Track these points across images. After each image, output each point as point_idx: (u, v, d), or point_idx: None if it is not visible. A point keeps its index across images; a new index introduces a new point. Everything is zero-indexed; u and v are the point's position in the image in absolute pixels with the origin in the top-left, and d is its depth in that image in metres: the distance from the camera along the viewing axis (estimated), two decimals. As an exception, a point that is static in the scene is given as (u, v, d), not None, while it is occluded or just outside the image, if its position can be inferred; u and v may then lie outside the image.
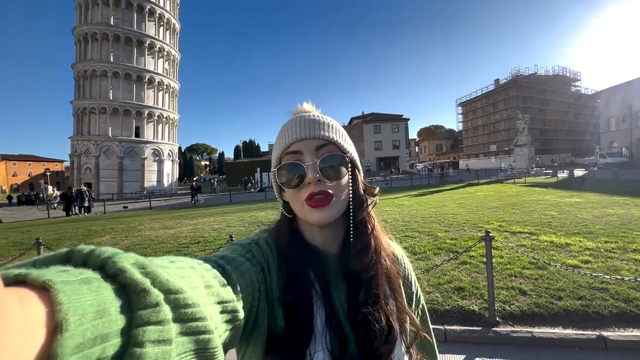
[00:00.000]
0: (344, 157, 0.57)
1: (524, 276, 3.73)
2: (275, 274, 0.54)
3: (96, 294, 0.22)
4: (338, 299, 0.56)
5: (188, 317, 0.28)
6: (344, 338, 0.52)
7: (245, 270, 0.46)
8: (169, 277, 0.28)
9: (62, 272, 0.22)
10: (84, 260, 0.25)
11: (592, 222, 6.43)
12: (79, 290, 0.21)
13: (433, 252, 4.90)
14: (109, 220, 12.61)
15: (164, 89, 41.19)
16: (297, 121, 0.58)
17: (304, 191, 0.55)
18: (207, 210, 14.00)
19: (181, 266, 0.33)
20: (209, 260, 0.42)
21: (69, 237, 8.73)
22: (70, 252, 0.25)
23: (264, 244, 0.56)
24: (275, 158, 0.60)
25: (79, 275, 0.22)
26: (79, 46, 37.24)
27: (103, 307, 0.22)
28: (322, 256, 0.59)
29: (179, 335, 0.27)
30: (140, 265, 0.26)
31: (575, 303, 3.02)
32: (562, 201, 9.74)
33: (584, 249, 4.64)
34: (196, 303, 0.30)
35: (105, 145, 36.35)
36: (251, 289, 0.45)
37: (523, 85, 52.41)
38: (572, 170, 20.00)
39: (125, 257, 0.26)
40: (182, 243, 6.82)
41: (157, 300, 0.25)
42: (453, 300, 3.26)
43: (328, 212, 0.54)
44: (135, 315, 0.24)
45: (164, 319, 0.25)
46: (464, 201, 11.31)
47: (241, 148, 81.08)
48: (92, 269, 0.24)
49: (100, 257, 0.25)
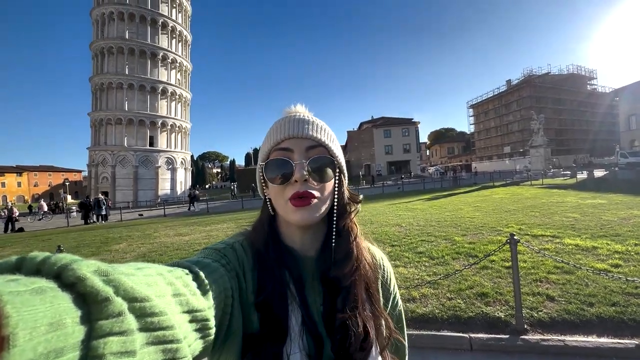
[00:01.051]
0: (333, 161, 0.57)
1: (550, 281, 3.57)
2: (250, 278, 0.53)
3: (50, 304, 0.20)
4: (314, 302, 0.55)
5: (154, 326, 0.27)
6: (320, 340, 0.52)
7: (218, 276, 0.45)
8: (134, 284, 0.27)
9: (10, 282, 0.20)
10: (37, 269, 0.23)
11: (618, 224, 6.15)
12: (30, 301, 0.19)
13: (451, 257, 4.76)
14: (126, 228, 12.86)
15: (176, 99, 42.24)
16: (290, 119, 0.58)
17: (289, 189, 0.54)
18: (219, 217, 14.12)
19: (148, 273, 0.32)
20: (180, 266, 0.41)
21: (88, 244, 8.93)
22: (21, 259, 0.24)
23: (239, 247, 0.56)
24: (264, 153, 0.59)
25: (31, 285, 0.20)
26: (96, 60, 38.72)
27: (58, 319, 0.20)
28: (299, 258, 0.58)
29: (144, 346, 0.26)
30: (101, 273, 0.25)
31: (608, 309, 2.85)
32: (583, 203, 9.37)
33: (612, 252, 4.42)
34: (163, 311, 0.28)
35: (121, 154, 37.40)
36: (224, 296, 0.44)
37: (536, 85, 51.24)
38: (592, 171, 19.32)
39: (85, 265, 0.25)
40: (197, 249, 6.86)
41: (121, 310, 0.24)
42: (476, 307, 3.13)
43: (309, 213, 0.53)
44: (95, 326, 0.22)
45: (127, 329, 0.24)
46: (479, 204, 11.03)
47: (252, 155, 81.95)
48: (46, 278, 0.22)
49: (56, 264, 0.23)
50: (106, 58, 37.89)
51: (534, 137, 25.34)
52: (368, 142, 53.93)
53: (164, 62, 40.61)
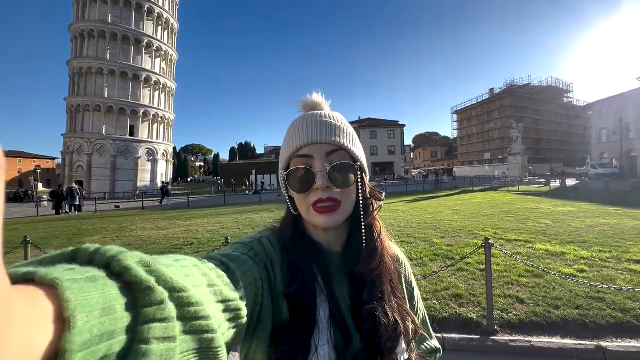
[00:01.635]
0: (354, 166, 0.57)
1: (521, 284, 3.72)
2: (279, 270, 0.55)
3: (102, 291, 0.22)
4: (341, 295, 0.57)
5: (192, 316, 0.29)
6: (348, 333, 0.53)
7: (248, 268, 0.46)
8: (173, 275, 0.28)
9: (68, 271, 0.22)
10: (89, 259, 0.25)
11: (585, 231, 6.48)
12: (85, 288, 0.21)
13: (429, 259, 4.87)
14: (100, 220, 12.38)
15: (160, 89, 40.90)
16: (309, 122, 0.58)
17: (312, 196, 0.55)
18: (201, 212, 13.83)
19: (185, 265, 0.34)
20: (212, 259, 0.42)
21: (58, 236, 8.52)
22: (75, 250, 0.26)
23: (266, 241, 0.57)
24: (284, 160, 0.59)
25: (85, 274, 0.22)
26: (75, 43, 36.87)
27: (109, 304, 0.22)
28: (325, 253, 0.60)
29: (182, 334, 0.27)
30: (145, 264, 0.27)
31: (572, 312, 3.01)
32: (555, 210, 9.83)
33: (579, 258, 4.66)
34: (200, 302, 0.30)
35: (98, 143, 35.86)
36: (254, 287, 0.46)
37: (517, 95, 53.25)
38: (564, 180, 20.29)
39: (130, 256, 0.26)
40: (175, 244, 6.70)
41: (162, 298, 0.26)
42: (451, 308, 3.22)
43: (333, 218, 0.55)
44: (140, 312, 0.24)
45: (168, 316, 0.26)
46: (459, 208, 11.35)
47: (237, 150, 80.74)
48: (97, 268, 0.24)
49: (105, 255, 0.25)
50: (86, 41, 36.13)
51: (513, 145, 26.33)
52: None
53: (148, 50, 39.19)
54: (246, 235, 0.62)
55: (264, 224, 0.67)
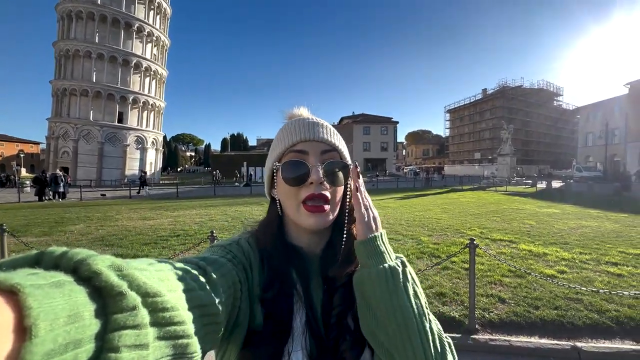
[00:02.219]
0: (346, 166, 0.58)
1: (504, 284, 3.79)
2: (257, 273, 0.54)
3: (68, 297, 0.21)
4: (318, 300, 0.56)
5: (166, 321, 0.28)
6: (322, 339, 0.52)
7: (226, 271, 0.45)
8: (146, 279, 0.27)
9: (31, 275, 0.21)
10: (55, 263, 0.24)
11: (568, 233, 6.65)
12: (50, 294, 0.20)
13: (416, 256, 4.92)
14: (85, 208, 12.08)
15: (151, 75, 39.81)
16: (304, 122, 0.59)
17: (304, 191, 0.55)
18: (190, 203, 13.65)
19: (160, 268, 0.33)
20: (189, 262, 0.41)
21: (40, 223, 8.28)
22: (40, 254, 0.24)
23: (245, 244, 0.56)
24: (277, 153, 0.59)
25: (50, 279, 0.21)
26: (61, 23, 35.41)
27: (76, 311, 0.21)
28: (305, 256, 0.59)
29: (156, 340, 0.26)
30: (116, 268, 0.26)
31: (551, 313, 3.08)
32: (540, 211, 10.05)
33: (560, 259, 4.77)
34: (175, 306, 0.29)
35: (85, 129, 34.82)
36: (232, 290, 0.45)
37: (509, 96, 53.95)
38: (550, 182, 20.78)
39: (101, 259, 0.25)
40: (161, 235, 6.58)
41: (134, 304, 0.25)
42: (434, 306, 3.26)
43: (322, 219, 0.55)
44: (110, 319, 0.23)
45: (140, 323, 0.25)
46: (447, 206, 11.50)
47: (229, 141, 79.77)
48: (64, 272, 0.23)
49: (73, 259, 0.24)
50: (74, 23, 34.75)
51: (503, 146, 26.73)
52: (347, 137, 54.21)
53: (139, 34, 37.98)
54: (234, 227, 0.59)
55: (253, 217, 0.63)
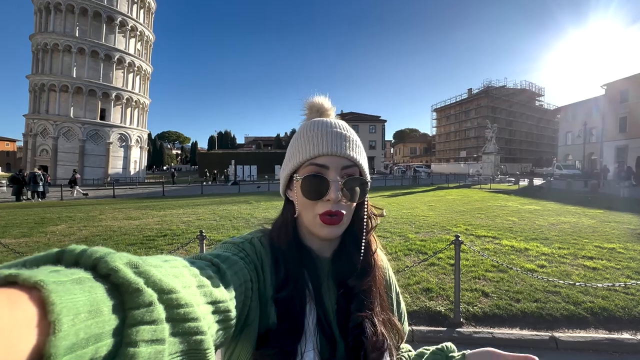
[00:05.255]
0: (366, 184, 0.59)
1: (487, 279, 3.92)
2: (269, 272, 0.55)
3: (89, 294, 0.22)
4: (329, 301, 0.58)
5: (181, 317, 0.28)
6: (334, 340, 0.54)
7: (238, 269, 0.46)
8: (162, 276, 0.28)
9: (53, 273, 0.21)
10: (75, 260, 0.25)
11: (548, 229, 6.92)
12: (71, 290, 0.21)
13: (404, 253, 5.02)
14: (66, 208, 11.70)
15: (134, 71, 38.75)
16: (326, 132, 0.58)
17: (321, 206, 0.56)
18: (176, 202, 13.42)
19: (174, 265, 0.34)
20: (202, 259, 0.42)
21: (18, 224, 7.98)
22: (61, 252, 0.25)
23: (257, 243, 0.57)
24: (297, 162, 0.59)
25: (71, 276, 0.22)
26: (39, 16, 33.98)
27: (96, 307, 0.22)
28: (316, 258, 0.61)
29: (171, 335, 0.27)
30: (133, 265, 0.26)
31: (531, 305, 3.22)
32: (522, 208, 10.40)
33: (540, 254, 4.97)
34: (189, 303, 0.30)
35: (65, 126, 33.63)
36: (244, 288, 0.45)
37: (493, 96, 55.23)
38: (532, 179, 21.46)
39: (118, 257, 0.26)
40: (148, 235, 6.47)
41: (151, 300, 0.25)
42: (421, 301, 3.35)
43: (336, 231, 0.56)
44: (128, 314, 0.24)
45: (157, 318, 0.25)
46: (434, 204, 11.73)
47: (216, 139, 78.56)
48: (83, 269, 0.24)
49: (92, 256, 0.25)
50: (52, 15, 33.39)
51: (487, 145, 27.43)
52: (336, 135, 54.29)
53: (122, 29, 36.86)
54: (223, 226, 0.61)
55: (241, 216, 0.66)
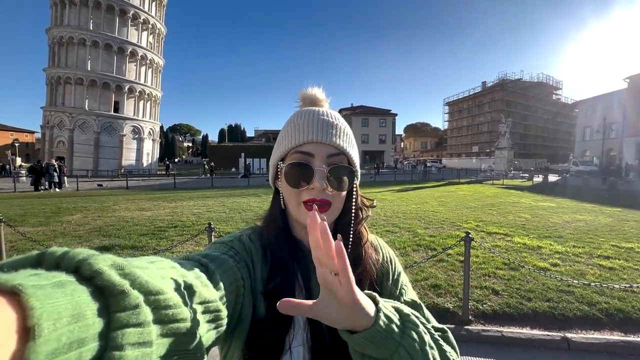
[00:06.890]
0: (353, 172, 0.58)
1: (497, 276, 3.85)
2: (259, 268, 0.55)
3: (71, 297, 0.21)
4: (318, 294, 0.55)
5: (169, 319, 0.28)
6: (322, 334, 0.53)
7: (228, 267, 0.46)
8: (148, 278, 0.27)
9: (33, 276, 0.21)
10: (56, 263, 0.24)
11: (562, 226, 6.73)
12: (52, 294, 0.20)
13: (412, 249, 4.98)
14: (82, 198, 12.04)
15: (147, 64, 39.20)
16: (314, 120, 0.57)
17: (305, 194, 0.55)
18: (187, 194, 13.64)
19: (161, 267, 0.33)
20: (191, 259, 0.42)
21: (36, 213, 8.26)
22: (41, 254, 0.24)
23: (246, 240, 0.57)
24: (283, 150, 0.58)
25: (52, 279, 0.21)
26: (54, 9, 34.59)
27: (79, 310, 0.21)
28: (306, 251, 0.59)
29: (159, 337, 0.27)
30: (118, 267, 0.26)
31: (543, 305, 3.14)
32: (536, 205, 10.14)
33: (553, 252, 4.85)
34: (177, 304, 0.29)
35: (80, 118, 34.42)
36: (235, 286, 0.45)
37: (508, 90, 53.65)
38: (547, 176, 20.90)
39: (102, 259, 0.25)
40: (159, 226, 6.60)
41: (137, 302, 0.25)
42: (429, 298, 3.32)
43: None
44: (113, 317, 0.23)
45: (144, 320, 0.25)
46: (444, 199, 11.56)
47: (226, 131, 79.17)
48: (65, 272, 0.23)
49: (74, 259, 0.24)
50: (67, 9, 33.93)
51: (500, 140, 26.75)
52: (346, 129, 53.95)
53: (134, 22, 37.21)
54: (232, 218, 0.60)
55: (250, 209, 0.64)
